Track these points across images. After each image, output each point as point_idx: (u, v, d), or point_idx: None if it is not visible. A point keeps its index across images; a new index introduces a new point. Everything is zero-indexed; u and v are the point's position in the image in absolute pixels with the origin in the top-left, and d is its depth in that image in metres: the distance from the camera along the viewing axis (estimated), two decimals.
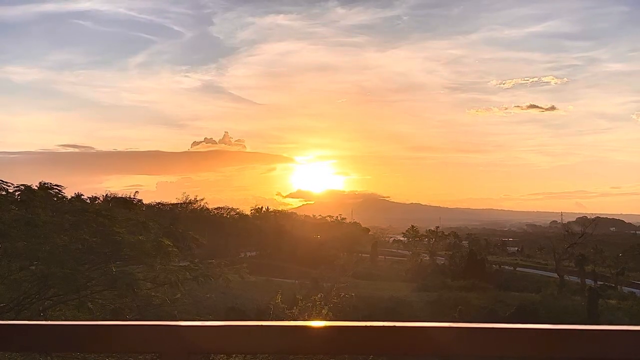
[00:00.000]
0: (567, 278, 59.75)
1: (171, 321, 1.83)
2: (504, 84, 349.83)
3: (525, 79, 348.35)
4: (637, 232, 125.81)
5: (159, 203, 50.38)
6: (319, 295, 16.10)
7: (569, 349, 1.51)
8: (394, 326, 1.64)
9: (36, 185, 14.73)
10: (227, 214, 65.01)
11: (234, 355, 13.30)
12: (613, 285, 56.42)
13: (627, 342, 1.53)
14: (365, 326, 1.66)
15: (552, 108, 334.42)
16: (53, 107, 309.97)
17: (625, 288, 55.14)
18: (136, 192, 16.40)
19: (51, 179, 15.81)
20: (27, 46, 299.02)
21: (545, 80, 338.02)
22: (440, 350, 1.59)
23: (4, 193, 13.89)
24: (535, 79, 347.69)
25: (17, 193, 14.32)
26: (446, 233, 77.62)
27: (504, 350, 1.59)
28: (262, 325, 1.79)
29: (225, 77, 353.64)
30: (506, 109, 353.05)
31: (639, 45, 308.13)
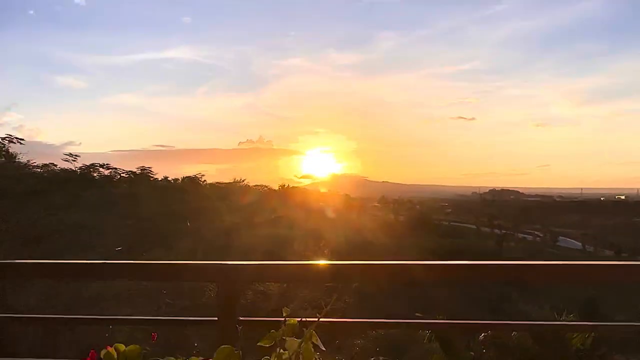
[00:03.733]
0: (483, 229, 77.68)
1: (224, 261, 2.16)
2: (442, 102, 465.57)
3: (457, 99, 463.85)
4: (528, 199, 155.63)
5: (218, 182, 55.49)
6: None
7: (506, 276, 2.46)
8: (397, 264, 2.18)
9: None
10: (261, 189, 72.47)
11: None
12: (512, 233, 73.39)
13: (538, 274, 2.24)
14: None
15: (473, 118, 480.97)
16: (150, 120, 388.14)
17: (520, 234, 75.41)
18: (202, 175, 20.51)
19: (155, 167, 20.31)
20: (130, 82, 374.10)
21: (469, 101, 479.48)
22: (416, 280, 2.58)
23: (115, 175, 18.38)
24: (462, 99, 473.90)
25: (125, 175, 18.53)
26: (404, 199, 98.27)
27: (467, 280, 3.21)
28: (286, 264, 2.25)
29: (260, 100, 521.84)
30: (442, 119, 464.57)
31: (530, 77, 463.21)
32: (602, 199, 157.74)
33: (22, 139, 17.35)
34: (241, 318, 2.23)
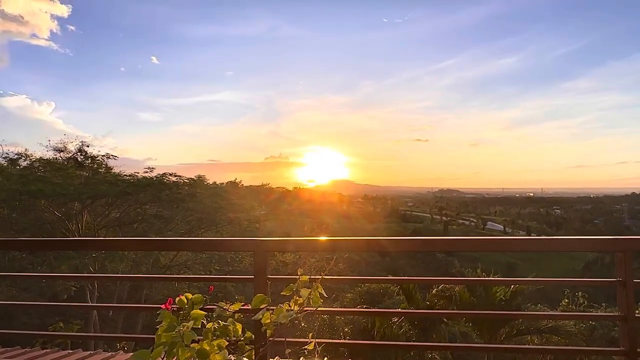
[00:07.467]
0: (434, 217, 79.16)
1: (257, 237, 2.26)
2: (405, 129, 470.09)
3: (415, 127, 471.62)
4: (465, 195, 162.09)
5: (251, 185, 56.95)
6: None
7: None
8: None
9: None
10: (280, 190, 75.19)
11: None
12: (454, 220, 75.72)
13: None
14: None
15: (427, 140, 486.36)
16: (204, 142, 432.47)
17: (460, 220, 76.60)
18: (240, 180, 20.94)
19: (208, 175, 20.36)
20: (190, 116, 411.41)
21: (424, 128, 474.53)
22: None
23: (180, 181, 18.51)
24: (419, 127, 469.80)
25: (187, 181, 18.69)
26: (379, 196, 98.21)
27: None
28: (298, 239, 2.29)
29: (280, 128, 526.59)
30: (406, 140, 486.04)
31: (466, 111, 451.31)
32: (517, 195, 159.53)
33: (116, 156, 17.84)
34: (269, 276, 2.23)
